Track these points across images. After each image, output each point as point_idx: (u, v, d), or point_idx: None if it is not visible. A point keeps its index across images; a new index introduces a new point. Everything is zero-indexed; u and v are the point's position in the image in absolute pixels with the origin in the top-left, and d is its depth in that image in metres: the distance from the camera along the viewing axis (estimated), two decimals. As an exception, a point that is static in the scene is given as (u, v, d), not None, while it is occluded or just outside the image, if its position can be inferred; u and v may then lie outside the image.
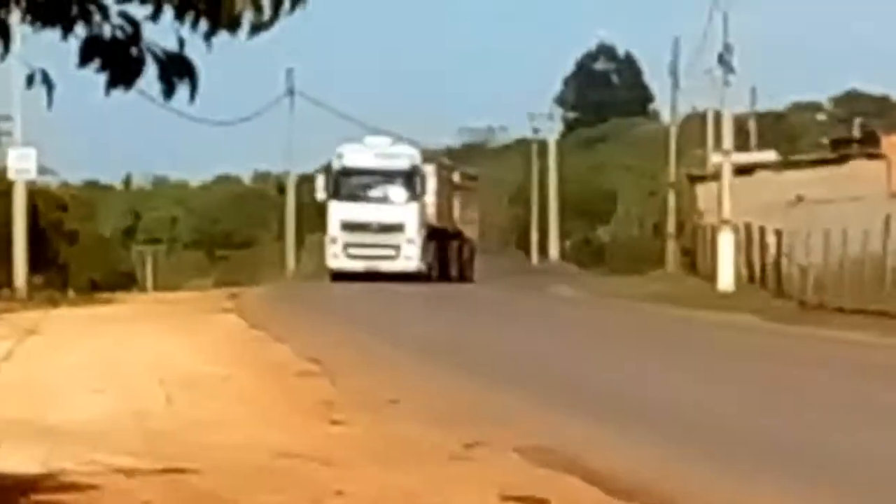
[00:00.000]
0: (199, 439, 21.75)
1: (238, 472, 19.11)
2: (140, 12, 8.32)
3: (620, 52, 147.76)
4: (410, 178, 76.47)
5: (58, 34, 8.78)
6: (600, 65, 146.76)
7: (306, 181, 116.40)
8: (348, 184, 75.17)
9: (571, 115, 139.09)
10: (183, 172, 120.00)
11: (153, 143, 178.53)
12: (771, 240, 69.46)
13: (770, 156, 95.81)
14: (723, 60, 76.67)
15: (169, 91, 8.58)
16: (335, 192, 75.12)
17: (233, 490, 17.69)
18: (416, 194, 76.84)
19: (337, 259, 75.04)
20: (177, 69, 8.54)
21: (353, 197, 75.32)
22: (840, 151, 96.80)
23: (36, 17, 8.50)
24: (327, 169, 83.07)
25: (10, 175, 68.45)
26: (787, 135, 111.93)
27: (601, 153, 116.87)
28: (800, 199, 73.37)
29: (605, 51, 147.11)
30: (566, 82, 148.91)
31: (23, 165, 67.16)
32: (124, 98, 9.14)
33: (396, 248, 74.36)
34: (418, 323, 52.10)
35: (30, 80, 9.67)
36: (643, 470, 19.55)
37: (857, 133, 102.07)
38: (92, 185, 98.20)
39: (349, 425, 24.40)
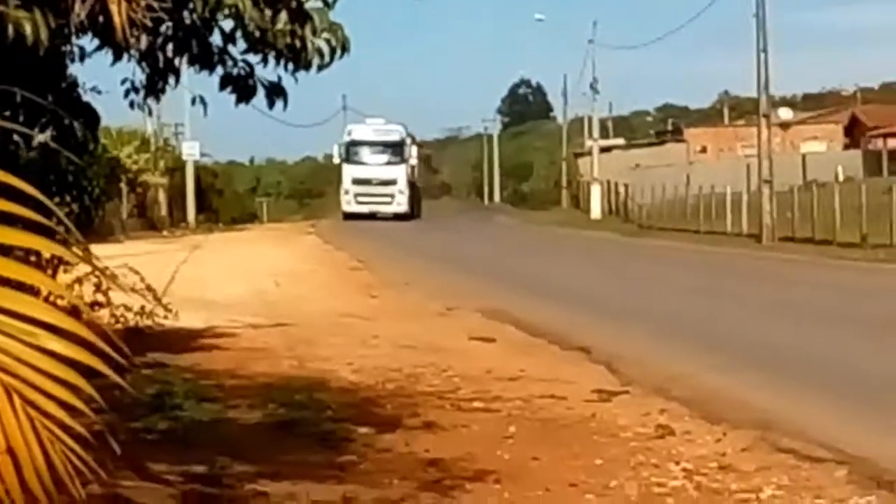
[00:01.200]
0: (296, 307, 23.96)
1: (318, 325, 21.38)
2: (253, 59, 8.85)
3: (534, 82, 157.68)
4: (400, 147, 75.59)
5: (205, 73, 9.25)
6: (522, 90, 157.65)
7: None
8: (356, 152, 74.34)
9: (506, 119, 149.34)
10: (284, 155, 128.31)
11: (265, 136, 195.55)
12: (621, 189, 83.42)
13: (620, 141, 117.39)
14: (592, 87, 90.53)
15: (271, 105, 9.49)
16: (346, 158, 74.63)
17: (315, 335, 19.93)
18: (403, 159, 75.99)
19: (349, 205, 73.91)
20: (276, 92, 9.19)
21: (360, 161, 74.50)
22: (660, 139, 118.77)
23: (194, 62, 8.94)
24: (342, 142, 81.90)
25: (184, 157, 79.04)
26: (629, 129, 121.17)
27: (523, 141, 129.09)
28: (637, 166, 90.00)
29: (525, 82, 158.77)
30: (503, 100, 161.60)
31: (191, 151, 78.00)
32: (246, 109, 10.05)
33: (391, 196, 73.14)
34: (417, 240, 57.50)
35: (193, 101, 11.32)
36: (549, 322, 21.03)
37: (670, 128, 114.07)
38: (231, 163, 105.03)
39: (381, 298, 26.53)
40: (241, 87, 8.14)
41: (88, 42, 7.39)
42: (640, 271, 37.73)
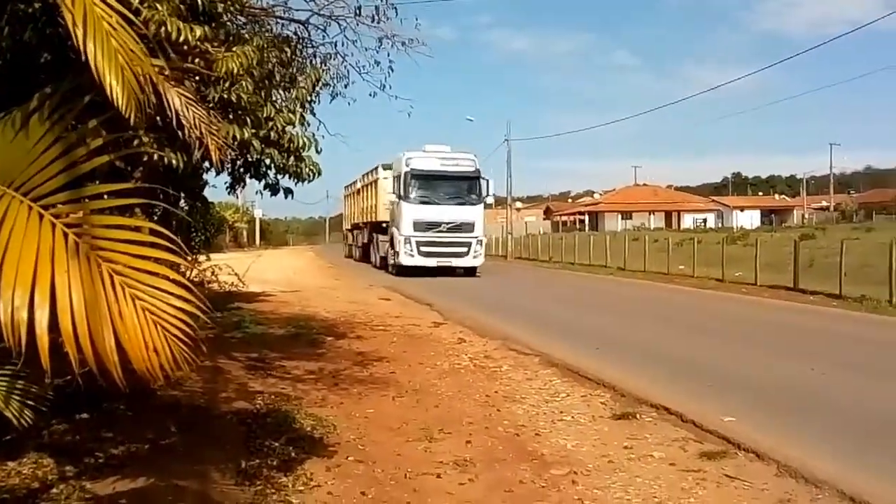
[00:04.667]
0: (302, 283, 22.81)
1: (313, 292, 20.21)
2: (279, 177, 7.29)
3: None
4: (476, 182, 29.49)
5: (257, 182, 7.58)
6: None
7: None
8: (419, 186, 28.68)
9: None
10: (301, 215, 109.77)
11: (292, 206, 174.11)
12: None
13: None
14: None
15: (285, 196, 7.60)
16: (405, 195, 28.55)
17: (310, 296, 18.89)
18: (480, 197, 30.02)
19: (410, 256, 27.83)
20: (288, 191, 7.40)
21: (426, 199, 28.54)
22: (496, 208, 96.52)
23: (252, 177, 7.35)
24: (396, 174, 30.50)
25: (255, 216, 65.48)
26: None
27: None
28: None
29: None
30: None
31: (258, 214, 66.91)
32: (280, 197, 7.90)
33: (467, 245, 28.96)
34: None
35: (257, 192, 10.76)
36: (413, 293, 20.24)
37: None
38: (276, 219, 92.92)
39: (341, 280, 25.30)
40: (274, 188, 7.24)
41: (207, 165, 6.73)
42: (508, 275, 33.74)
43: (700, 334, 13.37)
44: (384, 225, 30.55)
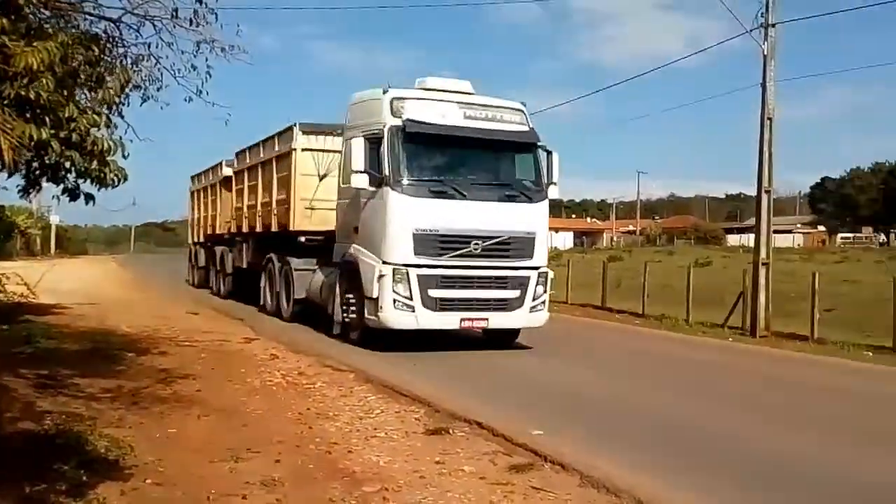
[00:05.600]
0: (102, 295, 21.26)
1: (114, 304, 19.14)
2: (80, 181, 6.61)
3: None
4: (531, 155, 11.08)
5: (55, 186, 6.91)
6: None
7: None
8: (419, 161, 10.42)
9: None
10: (103, 223, 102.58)
11: (93, 213, 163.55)
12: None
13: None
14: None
15: (86, 202, 6.79)
16: (393, 180, 10.36)
17: (109, 308, 17.79)
18: (540, 185, 11.01)
19: (399, 311, 10.80)
20: (89, 197, 6.72)
21: (435, 189, 10.56)
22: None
23: (49, 180, 6.73)
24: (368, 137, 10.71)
25: (51, 222, 60.77)
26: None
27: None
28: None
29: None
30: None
31: (54, 220, 61.59)
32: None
33: (522, 285, 10.91)
34: (166, 266, 39.68)
35: (54, 196, 9.85)
36: (224, 308, 19.71)
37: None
38: (76, 226, 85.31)
39: (144, 293, 23.90)
40: (73, 194, 6.59)
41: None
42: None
43: (517, 350, 13.84)
44: (304, 240, 16.33)
